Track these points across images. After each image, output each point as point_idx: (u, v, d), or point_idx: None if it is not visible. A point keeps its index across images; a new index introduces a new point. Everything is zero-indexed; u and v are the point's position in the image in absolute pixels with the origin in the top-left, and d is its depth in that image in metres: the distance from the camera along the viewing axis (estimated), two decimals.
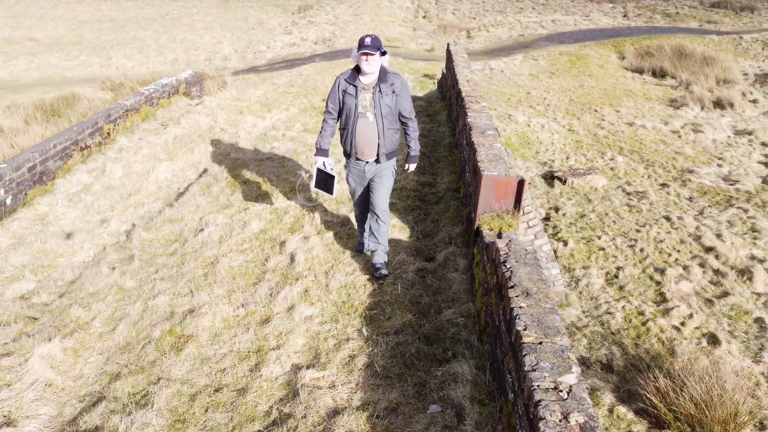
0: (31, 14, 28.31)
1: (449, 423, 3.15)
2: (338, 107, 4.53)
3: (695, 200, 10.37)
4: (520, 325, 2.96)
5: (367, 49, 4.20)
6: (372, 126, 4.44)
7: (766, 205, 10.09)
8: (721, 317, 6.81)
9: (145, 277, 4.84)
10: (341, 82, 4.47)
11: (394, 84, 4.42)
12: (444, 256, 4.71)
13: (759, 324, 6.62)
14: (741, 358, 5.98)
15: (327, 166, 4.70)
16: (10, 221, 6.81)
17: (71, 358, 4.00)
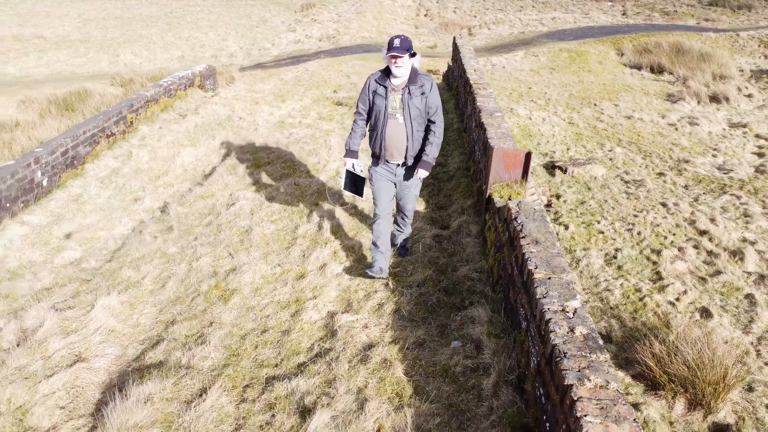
0: (37, 12, 28.83)
1: (470, 354, 3.69)
2: (368, 108, 4.52)
3: (690, 188, 10.91)
4: (531, 265, 3.51)
5: (397, 52, 4.15)
6: (401, 128, 4.41)
7: (758, 192, 10.63)
8: (713, 293, 7.35)
9: (186, 243, 5.38)
10: (371, 83, 4.46)
11: (424, 85, 4.39)
12: (458, 224, 5.26)
13: (749, 299, 7.14)
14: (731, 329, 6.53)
15: (356, 168, 4.65)
16: (47, 201, 7.34)
17: (128, 309, 4.54)
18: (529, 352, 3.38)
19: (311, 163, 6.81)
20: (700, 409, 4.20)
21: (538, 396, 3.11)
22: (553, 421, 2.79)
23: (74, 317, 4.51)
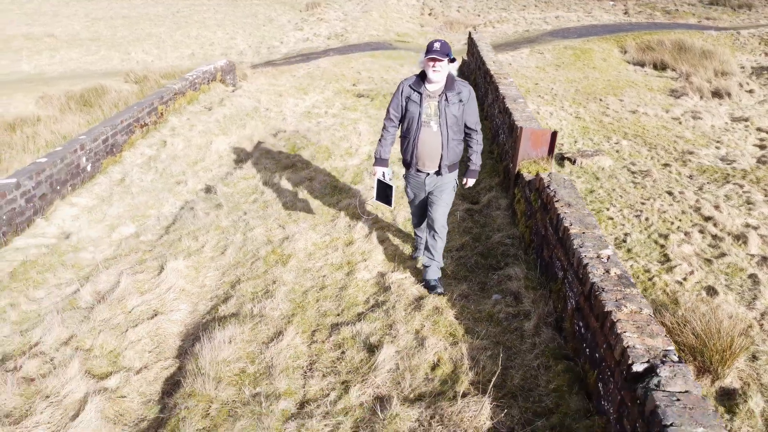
0: (44, 12, 29.32)
1: (510, 304, 4.23)
2: (400, 114, 4.39)
3: (695, 178, 11.49)
4: (567, 223, 4.06)
5: (436, 54, 4.00)
6: (436, 136, 4.27)
7: (760, 181, 11.22)
8: (718, 273, 7.91)
9: (236, 218, 5.92)
10: (405, 88, 4.31)
11: (462, 92, 4.24)
12: (487, 200, 5.80)
13: (752, 279, 7.71)
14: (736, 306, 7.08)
15: (386, 177, 4.59)
16: (91, 185, 7.86)
17: (193, 273, 5.07)
18: (566, 296, 3.92)
19: (344, 148, 7.35)
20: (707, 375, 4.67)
21: (577, 330, 3.64)
22: (594, 345, 3.33)
23: (145, 279, 5.03)
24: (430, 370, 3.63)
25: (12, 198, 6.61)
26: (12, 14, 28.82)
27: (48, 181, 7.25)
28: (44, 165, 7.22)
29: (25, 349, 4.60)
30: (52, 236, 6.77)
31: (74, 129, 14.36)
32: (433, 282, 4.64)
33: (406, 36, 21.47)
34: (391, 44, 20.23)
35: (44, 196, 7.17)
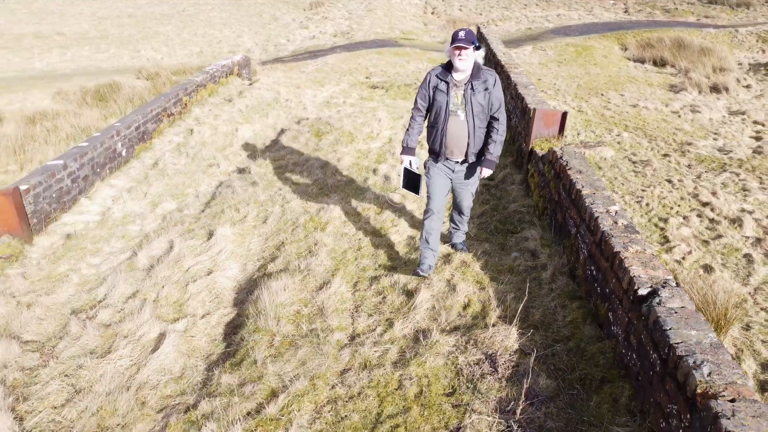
0: (51, 11, 29.91)
1: (528, 259, 4.85)
2: (427, 104, 4.48)
3: (693, 167, 12.15)
4: (579, 185, 4.68)
5: (462, 43, 4.09)
6: (463, 125, 4.36)
7: (755, 169, 11.88)
8: (715, 254, 8.55)
9: (273, 193, 6.54)
10: (432, 78, 4.39)
11: (487, 81, 4.32)
12: (502, 176, 6.43)
13: (747, 258, 8.34)
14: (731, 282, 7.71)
15: (413, 166, 4.66)
16: (126, 168, 8.48)
17: (239, 239, 5.69)
18: (579, 249, 4.55)
19: (365, 132, 7.97)
20: None
21: (589, 274, 4.27)
22: (604, 282, 3.96)
23: (196, 245, 5.65)
24: (462, 309, 4.26)
25: (60, 178, 7.22)
26: (19, 14, 29.41)
27: (90, 164, 7.86)
28: (86, 149, 7.82)
29: (94, 303, 5.21)
30: (96, 213, 7.37)
31: (92, 122, 14.97)
32: (459, 245, 5.10)
33: (411, 34, 22.13)
34: (397, 41, 20.88)
35: (87, 177, 7.78)
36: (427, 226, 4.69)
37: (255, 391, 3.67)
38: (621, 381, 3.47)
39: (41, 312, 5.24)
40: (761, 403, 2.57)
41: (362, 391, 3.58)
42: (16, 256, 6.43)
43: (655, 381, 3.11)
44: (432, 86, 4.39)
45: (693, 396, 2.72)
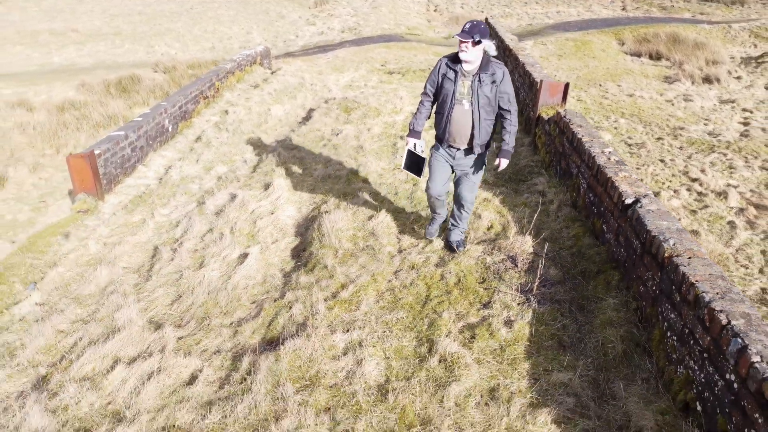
0: (61, 9, 31.07)
1: (537, 197, 6.03)
2: (436, 90, 4.63)
3: (685, 149, 13.37)
4: (579, 135, 5.87)
5: (461, 36, 4.25)
6: (467, 114, 4.49)
7: (741, 150, 13.10)
8: (702, 221, 9.74)
9: (314, 156, 7.70)
10: (442, 66, 4.55)
11: (495, 74, 4.42)
12: None
13: (730, 225, 9.53)
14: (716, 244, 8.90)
15: (417, 148, 4.86)
16: (173, 142, 9.63)
17: (292, 188, 6.85)
18: (579, 185, 5.73)
19: (389, 108, 9.15)
20: None
21: (587, 201, 5.45)
22: (599, 203, 5.14)
23: (256, 194, 6.81)
24: (486, 230, 5.43)
25: (122, 146, 8.38)
26: (31, 11, 30.55)
27: (144, 136, 9.02)
28: (141, 123, 8.98)
29: (175, 240, 6.37)
30: (153, 178, 8.54)
31: (119, 111, 16.20)
32: (455, 243, 5.11)
33: (415, 29, 23.37)
34: (403, 36, 22.09)
35: (142, 147, 8.94)
36: (431, 205, 5.14)
37: (329, 285, 4.84)
38: (612, 270, 4.65)
39: (129, 248, 6.40)
40: (709, 259, 3.75)
41: (413, 282, 4.75)
42: (92, 210, 7.60)
43: (636, 261, 4.29)
44: (441, 73, 4.54)
45: (662, 260, 3.89)
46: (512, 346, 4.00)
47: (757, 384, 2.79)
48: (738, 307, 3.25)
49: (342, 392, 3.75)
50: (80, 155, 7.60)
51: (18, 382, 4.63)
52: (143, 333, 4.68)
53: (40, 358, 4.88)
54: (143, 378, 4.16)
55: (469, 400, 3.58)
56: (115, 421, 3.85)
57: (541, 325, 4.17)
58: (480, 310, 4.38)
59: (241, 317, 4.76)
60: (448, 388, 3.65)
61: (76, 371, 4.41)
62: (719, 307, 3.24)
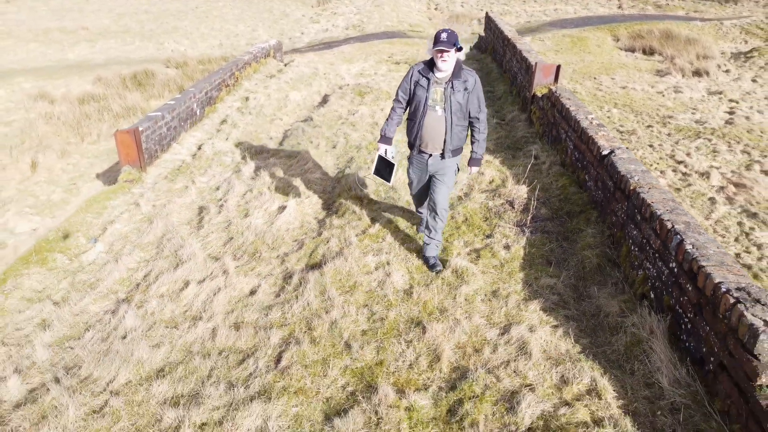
0: (69, 8, 32.19)
1: (531, 159, 7.16)
2: (408, 97, 4.81)
3: (672, 135, 14.52)
4: (567, 105, 7.00)
5: (443, 46, 4.37)
6: (440, 120, 4.67)
7: (725, 136, 14.26)
8: (685, 197, 10.86)
9: (334, 130, 8.83)
10: (414, 73, 4.72)
11: (467, 81, 4.62)
12: (511, 117, 8.75)
13: (711, 201, 10.65)
14: (697, 217, 10.02)
15: (388, 154, 4.99)
16: (201, 125, 10.74)
17: (318, 156, 7.96)
18: (567, 147, 6.86)
19: None
20: None
21: (573, 160, 6.57)
22: (582, 158, 6.26)
23: (292, 163, 7.92)
24: (488, 183, 6.56)
25: (160, 125, 9.48)
26: (40, 10, 31.67)
27: (177, 118, 10.12)
28: (174, 106, 10.09)
29: (218, 199, 7.48)
30: (187, 154, 9.64)
31: (137, 103, 17.37)
32: (432, 260, 5.17)
33: (417, 27, 24.55)
34: (406, 33, 23.26)
35: (176, 128, 10.05)
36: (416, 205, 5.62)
37: (358, 224, 5.95)
38: (591, 210, 5.77)
39: (177, 207, 7.50)
40: (664, 189, 4.86)
41: None
42: (136, 180, 8.70)
43: (610, 197, 5.41)
44: (414, 81, 4.71)
45: (629, 192, 5.01)
46: (509, 263, 5.12)
47: (689, 263, 3.90)
48: (681, 217, 4.37)
49: (375, 294, 4.86)
50: (126, 131, 8.70)
51: (102, 305, 5.73)
52: (206, 263, 5.79)
53: (117, 287, 5.99)
54: (212, 292, 5.27)
55: (476, 297, 4.70)
56: (195, 321, 4.95)
57: (532, 248, 5.29)
58: (483, 240, 5.50)
59: (286, 251, 5.86)
60: (459, 289, 4.76)
61: (154, 291, 5.51)
62: (667, 217, 4.36)
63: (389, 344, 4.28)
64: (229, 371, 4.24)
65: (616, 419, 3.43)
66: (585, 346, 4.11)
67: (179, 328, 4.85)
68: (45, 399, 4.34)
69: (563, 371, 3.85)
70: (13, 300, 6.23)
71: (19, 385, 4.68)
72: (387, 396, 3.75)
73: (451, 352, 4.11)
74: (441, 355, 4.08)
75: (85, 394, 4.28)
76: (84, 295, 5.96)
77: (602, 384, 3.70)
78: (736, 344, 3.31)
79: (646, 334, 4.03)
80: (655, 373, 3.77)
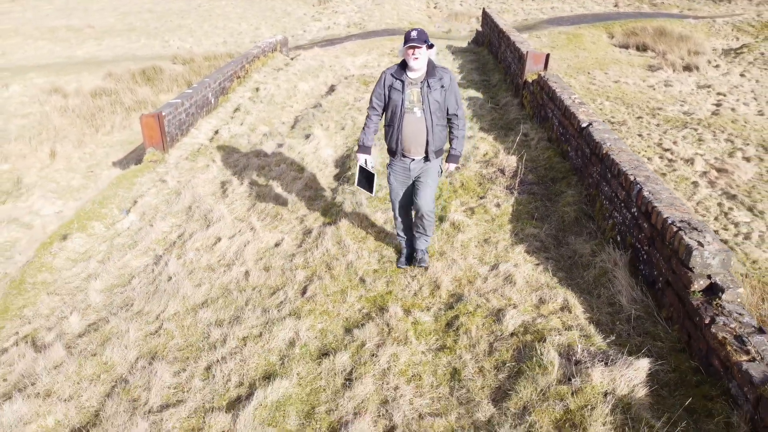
0: (74, 7, 33.10)
1: (522, 137, 8.06)
2: (383, 103, 4.69)
3: (661, 125, 15.45)
4: (554, 88, 7.91)
5: (415, 42, 4.29)
6: (420, 122, 4.58)
7: (711, 126, 15.19)
8: (669, 181, 11.78)
9: (342, 115, 9.73)
10: (387, 77, 4.60)
11: (443, 78, 4.54)
12: (504, 102, 9.66)
13: (694, 184, 11.57)
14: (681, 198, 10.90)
15: (368, 164, 4.92)
16: (215, 113, 11.64)
17: (327, 138, 8.86)
18: (553, 125, 7.77)
19: None
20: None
21: (558, 134, 7.48)
22: (566, 132, 7.17)
23: (299, 141, 8.82)
24: (482, 156, 7.46)
25: (180, 111, 10.37)
26: (45, 9, 32.58)
27: (194, 105, 11.02)
28: (191, 94, 10.99)
29: (238, 174, 8.35)
30: (205, 138, 10.54)
31: (147, 97, 18.29)
32: (420, 253, 5.21)
33: (417, 24, 25.50)
34: (406, 30, 24.20)
35: (193, 114, 10.94)
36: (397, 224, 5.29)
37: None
38: (572, 176, 6.67)
39: (201, 182, 8.38)
40: (631, 152, 5.75)
41: None
42: (159, 161, 9.59)
43: (587, 162, 6.31)
44: (387, 85, 4.60)
45: (602, 155, 5.91)
46: (499, 218, 6.02)
47: (645, 206, 4.80)
48: (642, 172, 5.27)
49: (384, 243, 5.75)
50: (151, 115, 9.59)
51: (143, 260, 6.62)
52: (234, 223, 6.69)
53: (155, 246, 6.88)
54: (242, 245, 6.16)
55: (470, 243, 5.59)
56: (229, 266, 5.84)
57: (519, 206, 6.19)
58: (477, 200, 6.40)
59: (304, 213, 6.75)
60: (456, 237, 5.66)
61: (190, 246, 6.40)
62: (631, 172, 5.26)
63: (397, 279, 5.18)
64: (263, 300, 5.13)
65: (583, 326, 4.32)
66: (561, 278, 5.01)
67: (216, 272, 5.74)
68: (105, 327, 5.22)
69: (541, 295, 4.75)
70: (59, 260, 7.13)
71: (79, 320, 5.57)
72: (396, 314, 4.64)
73: (449, 283, 5.00)
74: (440, 285, 4.98)
75: (140, 322, 5.17)
76: (125, 254, 6.85)
77: (573, 303, 4.59)
78: (677, 263, 4.20)
79: (611, 266, 4.93)
80: (617, 294, 4.66)
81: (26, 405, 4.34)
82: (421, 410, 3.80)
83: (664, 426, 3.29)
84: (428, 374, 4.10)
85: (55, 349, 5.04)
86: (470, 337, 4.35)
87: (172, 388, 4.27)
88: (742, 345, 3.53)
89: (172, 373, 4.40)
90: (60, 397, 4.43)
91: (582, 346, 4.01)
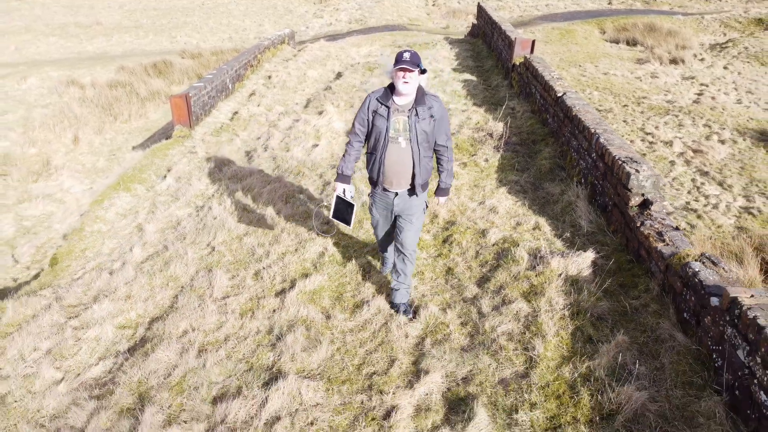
0: (80, 4, 34.49)
1: (509, 110, 9.44)
2: (366, 129, 4.40)
3: (645, 113, 16.81)
4: (539, 69, 9.30)
5: (406, 65, 4.02)
6: (405, 153, 4.30)
7: (691, 113, 16.56)
8: (649, 161, 13.12)
9: (350, 95, 11.10)
10: (371, 101, 4.33)
11: (433, 107, 4.27)
12: (495, 83, 11.06)
13: (671, 163, 12.91)
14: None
15: (347, 194, 4.67)
16: (233, 97, 13.02)
17: (338, 113, 10.23)
18: (537, 100, 9.15)
19: None
20: None
21: (539, 106, 8.87)
22: (545, 103, 8.56)
23: (313, 117, 10.19)
24: (475, 124, 8.83)
25: (203, 93, 11.74)
26: (52, 7, 33.95)
27: (215, 89, 12.39)
28: (212, 79, 12.35)
29: (259, 146, 9.72)
30: (226, 117, 11.90)
31: (160, 88, 19.69)
32: (403, 306, 4.89)
33: (416, 21, 26.92)
34: (405, 26, 25.60)
35: (214, 97, 12.31)
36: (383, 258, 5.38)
37: None
38: (550, 138, 8.05)
39: (227, 152, 9.74)
40: (597, 114, 7.13)
41: None
42: (186, 137, 10.94)
43: (560, 125, 7.69)
44: (372, 110, 4.32)
45: (572, 117, 7.28)
46: (487, 169, 7.39)
47: (601, 150, 6.17)
48: (602, 126, 6.65)
49: None
50: (179, 95, 10.95)
51: (187, 210, 7.97)
52: (264, 175, 8.04)
53: (195, 200, 8.23)
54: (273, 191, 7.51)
55: (463, 187, 6.96)
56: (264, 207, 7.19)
57: (504, 161, 7.57)
58: (470, 157, 7.78)
59: (322, 171, 8.12)
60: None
61: (227, 197, 7.75)
62: (593, 128, 6.64)
63: None
64: (296, 227, 6.48)
65: (549, 238, 5.69)
66: (535, 210, 6.38)
67: (252, 213, 7.09)
68: (165, 254, 6.58)
69: (518, 219, 6.12)
70: (110, 214, 8.48)
71: (140, 252, 6.92)
72: None
73: (445, 214, 6.37)
74: (438, 215, 6.35)
75: (195, 248, 6.52)
76: (169, 207, 8.20)
77: (543, 224, 5.96)
78: (621, 187, 5.58)
79: (575, 198, 6.31)
80: (578, 219, 6.03)
81: (112, 305, 5.69)
82: (424, 292, 5.16)
83: (598, 290, 4.66)
84: (429, 272, 5.46)
85: (126, 270, 6.39)
86: (461, 247, 5.71)
87: (229, 287, 5.62)
88: (661, 237, 4.90)
89: (228, 278, 5.75)
90: (138, 298, 5.78)
91: (546, 248, 5.37)
